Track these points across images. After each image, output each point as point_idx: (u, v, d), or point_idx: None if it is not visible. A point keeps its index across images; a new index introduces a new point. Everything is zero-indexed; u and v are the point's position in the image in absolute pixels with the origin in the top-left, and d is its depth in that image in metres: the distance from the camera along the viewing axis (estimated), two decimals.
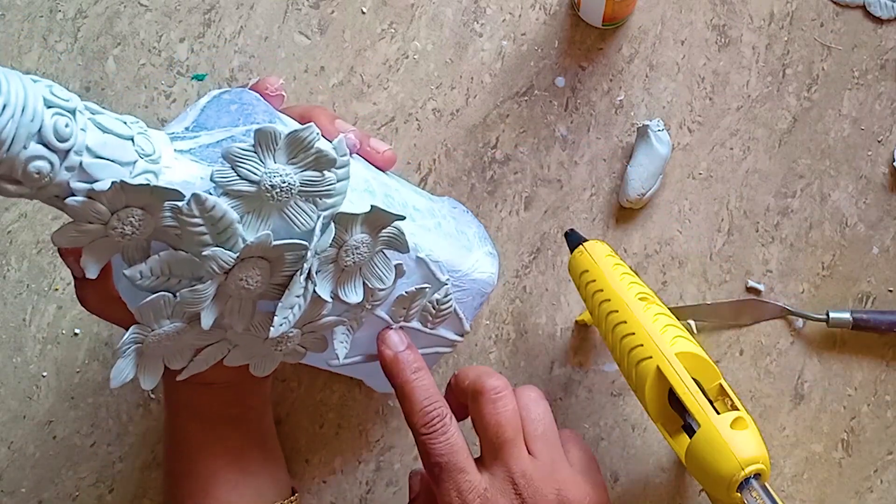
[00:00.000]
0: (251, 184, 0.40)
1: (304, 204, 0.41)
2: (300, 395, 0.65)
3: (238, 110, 0.46)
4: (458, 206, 0.61)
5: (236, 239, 0.40)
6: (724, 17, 0.68)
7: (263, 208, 0.41)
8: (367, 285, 0.46)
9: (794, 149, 0.67)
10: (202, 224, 0.39)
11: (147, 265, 0.40)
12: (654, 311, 0.55)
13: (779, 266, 0.66)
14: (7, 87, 0.34)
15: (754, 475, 0.49)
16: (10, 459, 0.65)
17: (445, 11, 0.69)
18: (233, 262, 0.40)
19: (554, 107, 0.67)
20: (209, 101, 0.46)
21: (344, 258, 0.43)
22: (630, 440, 0.64)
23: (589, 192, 0.67)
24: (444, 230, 0.54)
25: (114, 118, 0.38)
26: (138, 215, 0.38)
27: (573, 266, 0.60)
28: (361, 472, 0.65)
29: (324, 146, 0.41)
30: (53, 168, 0.35)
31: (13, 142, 0.34)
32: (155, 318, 0.41)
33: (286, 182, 0.40)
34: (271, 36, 0.69)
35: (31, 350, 0.66)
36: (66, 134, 0.35)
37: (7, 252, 0.67)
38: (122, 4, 0.69)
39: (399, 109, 0.68)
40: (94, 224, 0.37)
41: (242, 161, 0.40)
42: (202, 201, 0.38)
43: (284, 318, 0.42)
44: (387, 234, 0.45)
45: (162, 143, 0.41)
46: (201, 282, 0.41)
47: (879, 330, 0.63)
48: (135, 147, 0.38)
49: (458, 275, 0.53)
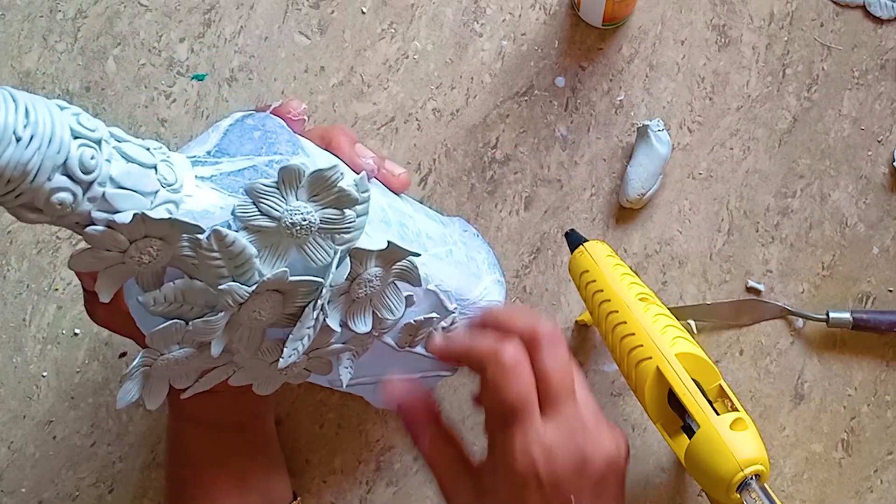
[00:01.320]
0: (272, 220, 0.40)
1: (322, 240, 0.41)
2: (300, 395, 0.65)
3: (261, 138, 0.45)
4: (469, 229, 0.61)
5: (253, 273, 0.40)
6: (724, 17, 0.68)
7: (282, 243, 0.40)
8: (376, 315, 0.46)
9: (794, 149, 0.67)
10: (220, 258, 0.39)
11: (161, 292, 0.39)
12: (655, 312, 0.55)
13: (779, 266, 0.66)
14: (35, 117, 0.33)
15: (754, 476, 0.49)
16: (10, 459, 0.65)
17: (445, 11, 0.69)
18: (247, 295, 0.40)
19: (554, 107, 0.67)
20: (232, 125, 0.46)
21: (356, 290, 0.43)
22: (630, 440, 0.64)
23: (589, 192, 0.67)
24: (454, 258, 0.54)
25: (138, 146, 0.38)
26: (157, 245, 0.38)
27: (573, 266, 0.60)
28: (361, 472, 0.65)
29: (346, 185, 0.41)
30: (76, 199, 0.35)
31: (38, 173, 0.33)
32: (165, 345, 0.41)
33: (307, 220, 0.40)
34: (271, 36, 0.69)
35: (31, 350, 0.66)
36: (91, 166, 0.35)
37: (7, 252, 0.67)
38: (122, 4, 0.69)
39: (399, 109, 0.68)
40: (112, 252, 0.37)
41: (265, 197, 0.39)
42: (222, 237, 0.38)
43: (294, 349, 0.42)
44: (400, 266, 0.45)
45: (183, 169, 0.40)
46: (214, 311, 0.41)
47: (879, 330, 0.63)
48: (157, 176, 0.38)
49: (465, 303, 0.53)
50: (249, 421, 0.57)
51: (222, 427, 0.55)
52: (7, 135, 0.32)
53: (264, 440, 0.58)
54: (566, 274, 0.66)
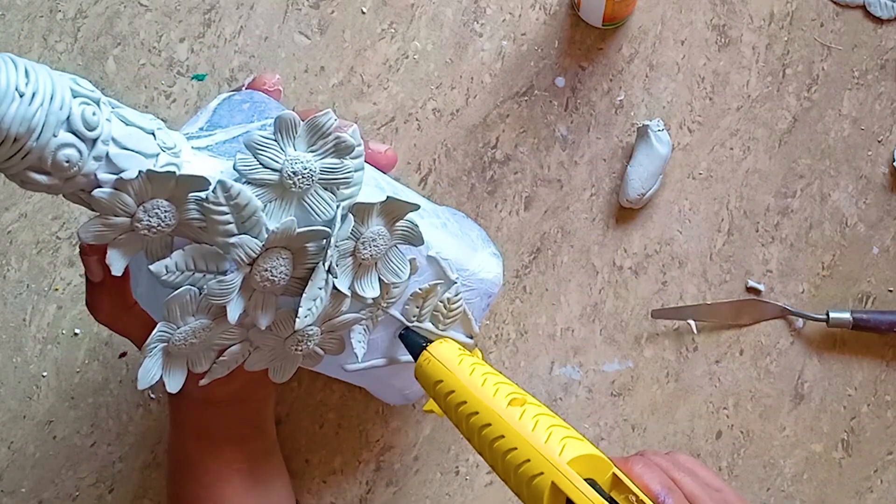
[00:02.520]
0: (273, 171, 0.40)
1: (323, 193, 0.42)
2: (300, 395, 0.65)
3: (251, 108, 0.46)
4: (458, 213, 0.62)
5: (261, 227, 0.40)
6: (724, 17, 0.68)
7: (285, 197, 0.41)
8: (382, 281, 0.46)
9: (794, 149, 0.67)
10: (228, 213, 0.39)
11: (172, 259, 0.40)
12: (532, 414, 0.47)
13: (779, 266, 0.66)
14: (35, 76, 0.34)
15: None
16: (10, 459, 0.65)
17: (445, 11, 0.69)
18: (259, 249, 0.40)
19: (554, 107, 0.67)
20: (220, 103, 0.47)
21: (361, 251, 0.44)
22: (630, 440, 0.64)
23: (589, 192, 0.67)
24: (449, 230, 0.54)
25: (136, 113, 0.39)
26: (164, 206, 0.38)
27: (421, 376, 0.50)
28: (361, 472, 0.65)
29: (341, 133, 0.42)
30: (82, 156, 0.36)
31: (43, 129, 0.34)
32: (181, 315, 0.41)
33: (307, 169, 0.41)
34: (271, 36, 0.69)
35: (31, 350, 0.66)
36: (94, 122, 0.36)
37: (7, 252, 0.67)
38: (122, 4, 0.69)
39: (399, 109, 0.68)
40: (121, 217, 0.38)
41: (264, 149, 0.40)
42: (228, 188, 0.39)
43: (308, 309, 0.43)
44: (401, 227, 0.45)
45: (180, 141, 0.41)
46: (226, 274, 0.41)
47: (879, 330, 0.63)
48: (157, 140, 0.39)
49: (465, 274, 0.53)
50: (250, 433, 0.57)
51: (224, 441, 0.55)
52: (10, 92, 0.33)
53: (265, 453, 0.58)
54: (566, 274, 0.66)
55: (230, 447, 0.55)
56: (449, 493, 0.64)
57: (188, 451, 0.55)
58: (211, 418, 0.54)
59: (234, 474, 0.55)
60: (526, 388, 0.65)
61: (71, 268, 0.66)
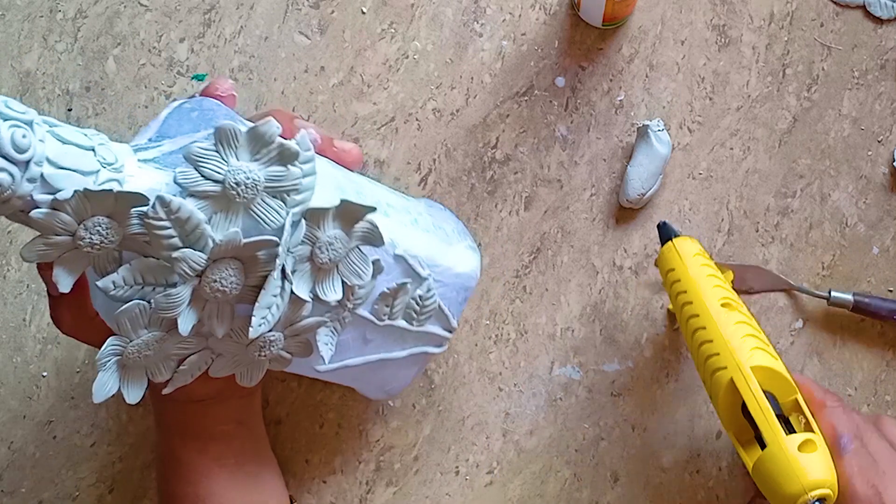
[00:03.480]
0: (215, 183, 0.40)
1: (271, 201, 0.41)
2: (300, 395, 0.65)
3: (199, 117, 0.45)
4: (435, 206, 0.61)
5: (206, 240, 0.40)
6: (724, 17, 0.68)
7: (231, 208, 0.40)
8: (345, 283, 0.45)
9: (794, 149, 0.67)
10: (170, 227, 0.39)
11: (119, 274, 0.40)
12: (736, 319, 0.54)
13: (779, 266, 0.66)
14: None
15: (819, 499, 0.49)
16: (10, 459, 0.65)
17: (445, 11, 0.69)
18: (204, 263, 0.40)
19: (554, 107, 0.67)
20: (170, 112, 0.46)
21: (319, 255, 0.43)
22: (630, 440, 0.64)
23: (589, 192, 0.67)
24: (420, 226, 0.53)
25: (73, 130, 0.38)
26: (105, 223, 0.38)
27: (661, 261, 0.60)
28: (361, 472, 0.65)
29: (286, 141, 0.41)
30: (14, 180, 0.35)
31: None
32: (132, 328, 0.41)
33: (251, 178, 0.40)
34: (271, 36, 0.69)
35: (31, 350, 0.66)
36: (23, 145, 0.35)
37: (7, 252, 0.67)
38: (122, 4, 0.69)
39: (399, 109, 0.68)
40: (62, 236, 0.37)
41: (204, 161, 0.40)
42: (167, 203, 0.38)
43: (262, 317, 0.42)
44: (361, 228, 0.45)
45: (125, 154, 0.40)
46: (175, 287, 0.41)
47: (880, 315, 0.63)
48: (97, 157, 0.38)
49: (439, 270, 0.53)
50: (235, 430, 0.56)
51: (210, 438, 0.55)
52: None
53: (254, 448, 0.58)
54: (566, 274, 0.66)
55: (216, 444, 0.55)
56: (449, 493, 0.65)
57: (174, 450, 0.55)
58: (194, 416, 0.54)
59: (221, 470, 0.55)
60: (526, 388, 0.65)
61: None
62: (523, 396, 0.65)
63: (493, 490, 0.64)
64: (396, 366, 0.55)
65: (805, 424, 0.52)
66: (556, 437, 0.65)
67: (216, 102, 0.47)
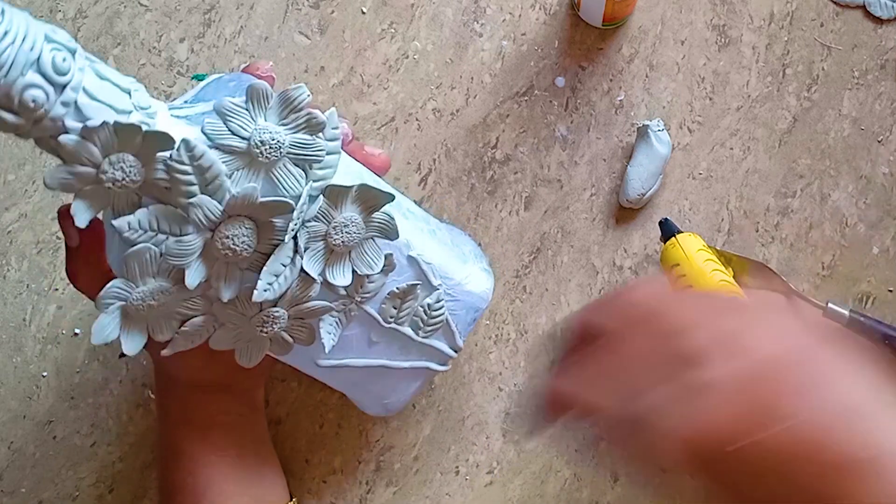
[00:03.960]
0: (241, 139, 0.40)
1: (293, 167, 0.42)
2: (300, 395, 0.65)
3: (236, 86, 0.46)
4: (455, 227, 0.61)
5: (224, 192, 0.40)
6: (724, 17, 0.68)
7: (252, 167, 0.41)
8: (356, 272, 0.46)
9: (794, 149, 0.67)
10: (191, 173, 0.39)
11: (135, 216, 0.40)
12: None
13: (779, 266, 0.66)
14: (10, 17, 0.35)
15: None
16: (10, 459, 0.65)
17: (445, 11, 0.69)
18: (219, 213, 0.40)
19: (554, 107, 0.67)
20: (209, 82, 0.48)
21: (333, 236, 0.44)
22: None
23: (589, 192, 0.67)
24: (438, 237, 0.54)
25: (113, 70, 0.39)
26: (130, 161, 0.38)
27: (665, 257, 0.60)
28: (361, 472, 0.65)
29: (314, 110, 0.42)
30: (49, 99, 0.36)
31: (11, 67, 0.35)
32: (140, 274, 0.41)
33: (275, 140, 0.41)
34: (271, 36, 0.69)
35: (31, 350, 0.66)
36: (63, 68, 0.36)
37: (7, 252, 0.67)
38: (122, 4, 0.69)
39: (399, 109, 0.68)
40: (86, 167, 0.38)
41: (233, 116, 0.40)
42: (191, 147, 0.39)
43: (269, 283, 0.42)
44: (377, 219, 0.45)
45: (159, 106, 0.41)
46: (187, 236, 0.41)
47: (871, 337, 0.63)
48: (132, 100, 0.39)
49: (451, 283, 0.53)
50: (237, 422, 0.56)
51: (210, 428, 0.55)
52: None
53: (254, 441, 0.58)
54: (566, 274, 0.66)
55: (217, 434, 0.55)
56: (449, 493, 0.65)
57: (175, 438, 0.55)
58: (197, 405, 0.54)
59: (221, 461, 0.55)
60: (526, 389, 0.65)
61: None
62: (523, 396, 0.65)
63: (493, 490, 0.64)
64: (398, 377, 0.55)
65: None
66: (555, 437, 0.65)
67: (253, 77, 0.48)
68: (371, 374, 0.53)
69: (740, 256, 0.65)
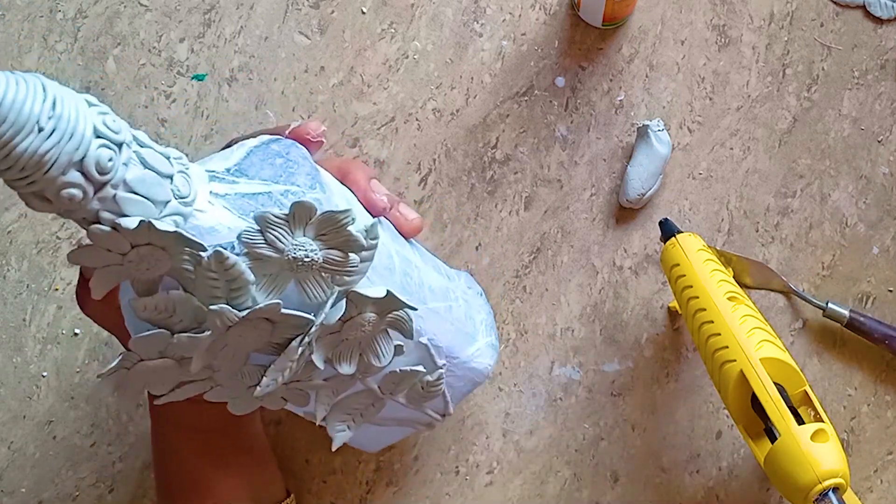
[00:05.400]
0: (275, 251, 0.40)
1: (321, 279, 0.41)
2: None
3: (282, 165, 0.45)
4: (474, 287, 0.60)
5: (247, 298, 0.40)
6: (724, 17, 0.68)
7: (281, 275, 0.41)
8: (362, 359, 0.45)
9: (794, 149, 0.67)
10: (217, 279, 0.39)
11: (154, 300, 0.39)
12: (743, 313, 0.55)
13: (779, 266, 0.66)
14: (61, 111, 0.33)
15: (832, 489, 0.49)
16: (10, 459, 0.65)
17: (445, 11, 0.69)
18: (237, 320, 0.40)
19: (554, 107, 0.67)
20: (256, 147, 0.46)
21: (347, 332, 0.43)
22: (630, 440, 0.64)
23: (589, 192, 0.67)
24: (453, 314, 0.53)
25: (158, 155, 0.38)
26: (158, 255, 0.38)
27: (665, 257, 0.60)
28: (361, 472, 0.65)
29: (355, 230, 0.41)
30: (86, 197, 0.35)
31: (53, 166, 0.34)
32: (146, 354, 0.41)
33: (310, 257, 0.40)
34: (271, 36, 0.69)
35: (31, 350, 0.66)
36: (107, 168, 0.35)
37: (7, 252, 0.67)
38: (122, 4, 0.69)
39: (399, 109, 0.68)
40: (113, 252, 0.37)
41: (273, 228, 0.39)
42: (223, 259, 0.38)
43: (273, 379, 0.42)
44: (394, 316, 0.44)
45: (199, 181, 0.40)
46: (201, 329, 0.40)
47: (871, 338, 0.63)
48: (171, 186, 0.38)
49: (455, 361, 0.53)
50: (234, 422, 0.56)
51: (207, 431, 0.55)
52: (30, 124, 0.32)
53: (249, 440, 0.58)
54: (566, 274, 0.66)
55: (210, 435, 0.55)
56: (449, 493, 0.64)
57: (170, 440, 0.55)
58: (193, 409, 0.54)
59: (221, 462, 0.55)
60: (525, 388, 0.65)
61: (71, 268, 0.66)
62: (523, 396, 0.65)
63: (493, 490, 0.64)
64: (379, 429, 0.55)
65: (815, 416, 0.53)
66: (556, 437, 0.65)
67: (304, 154, 0.46)
68: None
69: (740, 256, 0.65)
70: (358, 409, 0.50)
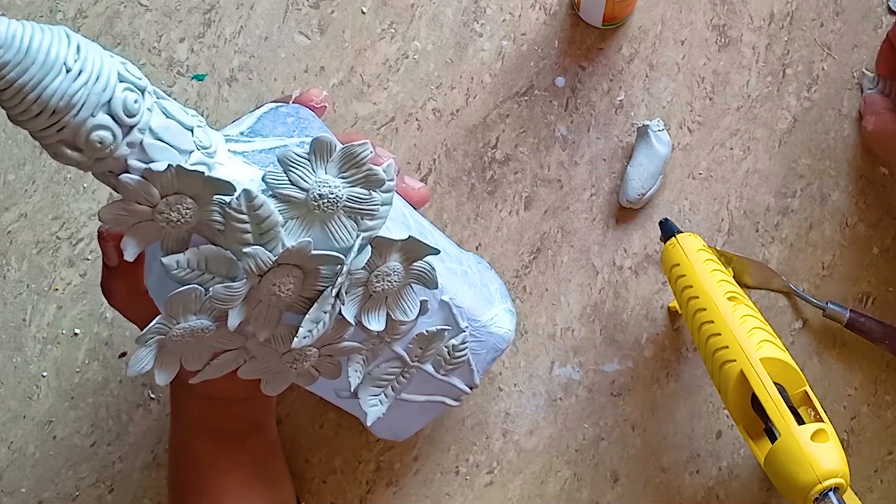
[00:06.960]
0: (300, 190, 0.40)
1: (346, 220, 0.42)
2: (300, 395, 0.65)
3: (294, 123, 0.46)
4: (483, 262, 0.61)
5: (277, 242, 0.40)
6: (724, 17, 0.68)
7: (307, 217, 0.41)
8: (390, 316, 0.46)
9: (794, 149, 0.67)
10: (248, 221, 0.39)
11: (185, 256, 0.40)
12: (742, 313, 0.55)
13: (779, 266, 0.66)
14: (86, 54, 0.35)
15: (833, 489, 0.49)
16: (10, 459, 0.65)
17: (445, 11, 0.69)
18: (271, 263, 0.40)
19: (554, 107, 0.67)
20: (266, 112, 0.47)
21: (374, 283, 0.44)
22: (630, 440, 0.64)
23: (589, 192, 0.67)
24: (469, 278, 0.54)
25: (178, 107, 0.39)
26: (187, 203, 0.38)
27: (665, 257, 0.60)
28: (361, 472, 0.65)
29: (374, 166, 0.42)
30: (115, 140, 0.36)
31: (83, 108, 0.35)
32: (183, 312, 0.41)
33: (334, 194, 0.41)
34: (271, 36, 0.69)
35: (31, 350, 0.66)
36: (133, 110, 0.36)
37: (7, 252, 0.67)
38: (122, 4, 0.69)
39: (399, 109, 0.68)
40: (143, 205, 0.38)
41: (296, 166, 0.40)
42: (252, 198, 0.39)
43: (309, 330, 0.43)
44: (418, 267, 0.45)
45: (217, 141, 0.41)
46: (235, 281, 0.41)
47: (871, 338, 0.63)
48: (193, 138, 0.39)
49: (476, 325, 0.53)
50: (251, 429, 0.57)
51: (225, 436, 0.55)
52: (58, 65, 0.34)
53: (267, 448, 0.58)
54: (566, 274, 0.66)
55: (232, 442, 0.55)
56: (449, 493, 0.65)
57: (190, 445, 0.55)
58: (212, 413, 0.54)
59: (236, 468, 0.55)
60: (525, 388, 0.65)
61: (71, 268, 0.66)
62: (523, 396, 0.65)
63: (493, 490, 0.64)
64: (412, 410, 0.55)
65: (814, 416, 0.53)
66: (556, 437, 0.65)
67: (311, 113, 0.48)
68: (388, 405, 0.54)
69: (740, 256, 0.65)
70: (388, 381, 0.51)
